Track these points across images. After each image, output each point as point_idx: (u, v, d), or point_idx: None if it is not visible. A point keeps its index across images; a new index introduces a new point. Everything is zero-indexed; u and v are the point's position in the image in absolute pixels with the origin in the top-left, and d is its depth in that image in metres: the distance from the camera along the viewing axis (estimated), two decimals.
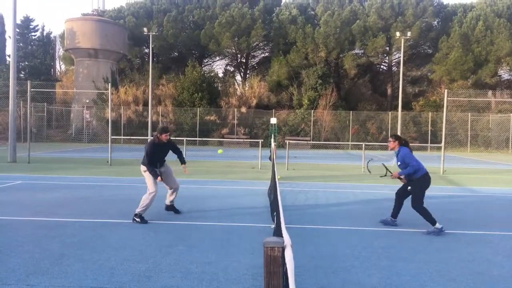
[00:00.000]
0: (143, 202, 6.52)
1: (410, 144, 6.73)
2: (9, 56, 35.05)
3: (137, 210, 6.52)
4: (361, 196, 9.47)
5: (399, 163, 6.41)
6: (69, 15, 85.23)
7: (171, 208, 7.18)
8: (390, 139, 6.59)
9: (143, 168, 6.76)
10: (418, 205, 6.20)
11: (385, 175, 6.64)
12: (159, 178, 6.63)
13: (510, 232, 6.35)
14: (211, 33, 37.88)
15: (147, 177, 6.69)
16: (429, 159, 18.40)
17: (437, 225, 6.08)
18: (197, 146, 29.83)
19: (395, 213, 6.59)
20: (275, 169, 7.80)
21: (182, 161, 7.28)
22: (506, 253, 5.29)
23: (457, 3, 39.45)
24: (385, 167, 6.74)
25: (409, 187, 6.39)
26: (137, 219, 6.47)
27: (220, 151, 16.04)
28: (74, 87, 37.47)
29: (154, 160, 6.74)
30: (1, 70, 34.15)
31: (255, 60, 45.54)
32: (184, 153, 8.23)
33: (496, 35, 34.60)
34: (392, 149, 6.55)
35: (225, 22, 37.13)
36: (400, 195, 6.58)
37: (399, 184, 6.73)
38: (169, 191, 7.14)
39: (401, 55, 31.63)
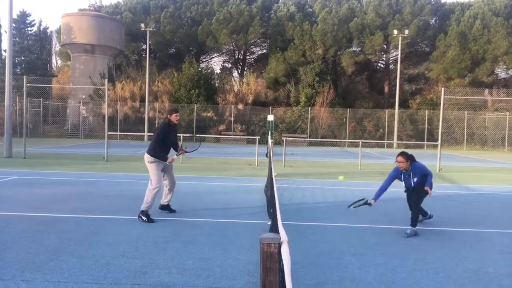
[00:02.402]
0: (146, 198, 6.37)
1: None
2: (5, 51, 34.84)
3: (142, 207, 6.36)
4: (358, 193, 9.47)
5: (415, 179, 6.02)
6: (66, 10, 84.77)
7: (166, 207, 6.97)
8: (401, 158, 6.01)
9: (148, 158, 6.47)
10: (419, 204, 6.14)
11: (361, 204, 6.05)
12: (170, 159, 6.50)
13: (505, 230, 6.38)
14: (209, 29, 37.78)
15: (153, 168, 6.45)
16: (425, 157, 18.43)
17: (415, 228, 5.99)
18: (194, 142, 29.76)
19: (423, 213, 6.49)
20: (272, 166, 7.78)
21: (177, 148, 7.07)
22: (501, 251, 5.32)
23: (455, 1, 39.46)
24: (364, 203, 6.11)
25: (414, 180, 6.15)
26: (143, 217, 6.27)
27: (341, 178, 11.63)
28: (70, 83, 37.31)
29: (166, 146, 6.60)
30: None
31: (253, 57, 45.51)
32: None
33: (493, 33, 34.69)
34: (405, 169, 6.04)
35: (222, 18, 37.03)
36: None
37: (394, 182, 6.66)
38: (166, 189, 6.90)
39: (399, 53, 31.70)
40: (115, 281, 4.00)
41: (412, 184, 6.05)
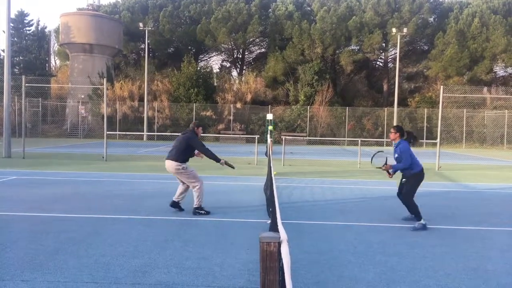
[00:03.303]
0: (197, 195, 6.71)
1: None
2: (3, 50, 34.75)
3: (196, 204, 6.71)
4: (357, 191, 9.49)
5: (396, 155, 6.34)
6: (64, 9, 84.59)
7: (177, 205, 6.97)
8: (392, 129, 6.47)
9: (181, 165, 6.68)
10: (410, 198, 6.22)
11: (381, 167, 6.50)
12: (222, 160, 6.86)
13: (504, 228, 6.39)
14: (207, 28, 37.74)
15: (186, 173, 6.72)
16: (424, 155, 18.44)
17: (422, 221, 6.08)
18: None
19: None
20: (271, 165, 7.78)
21: None
22: (500, 249, 5.33)
23: None
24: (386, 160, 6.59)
25: (403, 179, 6.38)
26: (201, 211, 6.70)
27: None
28: (69, 82, 37.26)
29: (191, 153, 6.95)
30: None
31: (251, 56, 45.47)
32: None
33: (491, 31, 34.70)
34: (393, 140, 6.43)
35: (221, 17, 36.99)
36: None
37: (392, 180, 6.69)
38: (182, 188, 6.96)
39: (397, 51, 31.68)
40: (115, 280, 4.00)
41: (394, 157, 6.40)
